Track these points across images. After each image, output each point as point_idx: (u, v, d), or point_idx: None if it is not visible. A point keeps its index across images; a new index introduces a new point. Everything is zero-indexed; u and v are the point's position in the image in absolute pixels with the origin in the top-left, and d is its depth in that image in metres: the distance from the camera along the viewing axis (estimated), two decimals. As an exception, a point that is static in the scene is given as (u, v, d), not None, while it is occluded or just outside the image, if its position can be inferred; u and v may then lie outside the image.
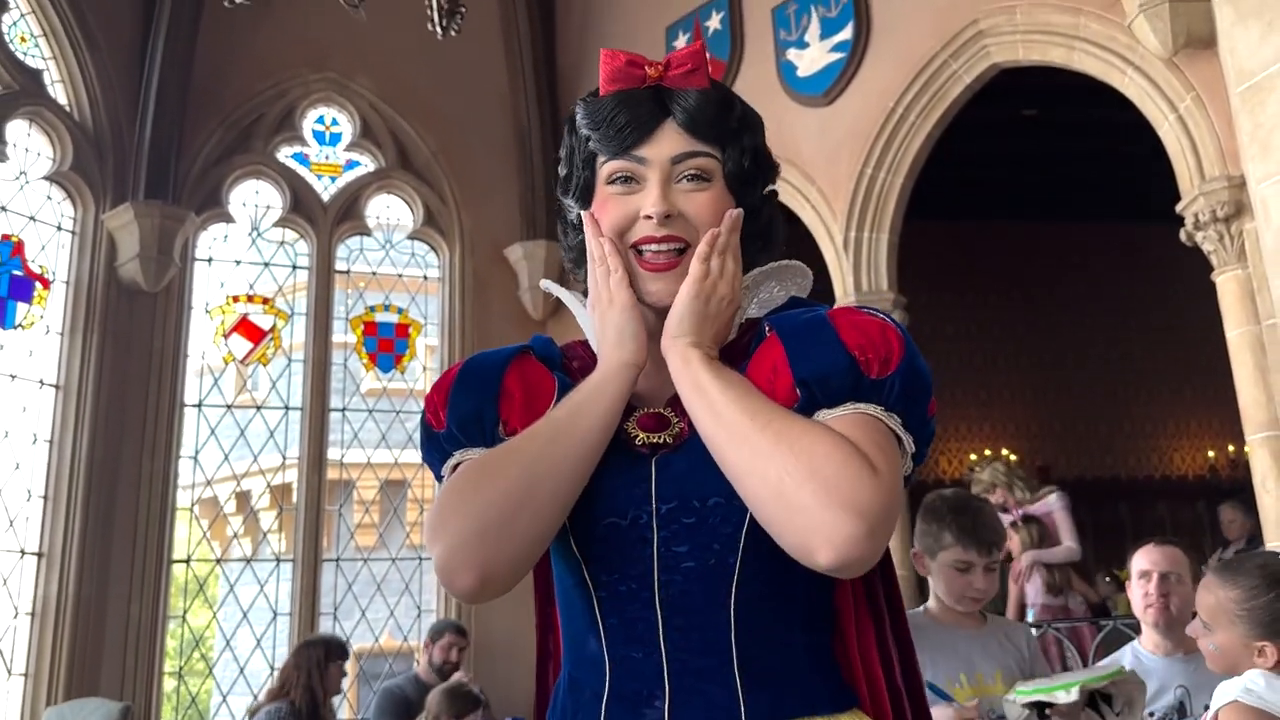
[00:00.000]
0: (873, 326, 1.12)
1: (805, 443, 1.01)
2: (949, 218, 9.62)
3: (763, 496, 1.01)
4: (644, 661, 1.11)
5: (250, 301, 7.21)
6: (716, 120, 1.19)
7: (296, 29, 7.25)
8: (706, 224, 1.17)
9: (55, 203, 6.67)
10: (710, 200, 1.18)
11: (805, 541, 0.99)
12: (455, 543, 1.06)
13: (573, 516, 1.13)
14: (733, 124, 1.21)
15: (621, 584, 1.13)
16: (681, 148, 1.18)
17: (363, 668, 7.39)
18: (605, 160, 1.20)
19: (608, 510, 1.13)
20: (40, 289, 6.45)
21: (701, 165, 1.18)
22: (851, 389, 1.08)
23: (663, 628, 1.11)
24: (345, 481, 7.56)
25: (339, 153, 7.67)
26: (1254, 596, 2.09)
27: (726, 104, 1.21)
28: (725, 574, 1.10)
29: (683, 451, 1.14)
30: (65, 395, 6.35)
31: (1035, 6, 5.24)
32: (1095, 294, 11.11)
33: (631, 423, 1.17)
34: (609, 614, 1.14)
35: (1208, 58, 4.46)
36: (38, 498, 6.21)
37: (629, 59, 1.21)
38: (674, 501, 1.12)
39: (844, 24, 5.91)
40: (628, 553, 1.13)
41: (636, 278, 1.18)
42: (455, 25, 4.71)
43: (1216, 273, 4.53)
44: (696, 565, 1.10)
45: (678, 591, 1.11)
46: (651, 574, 1.11)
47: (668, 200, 1.16)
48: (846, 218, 5.83)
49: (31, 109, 6.51)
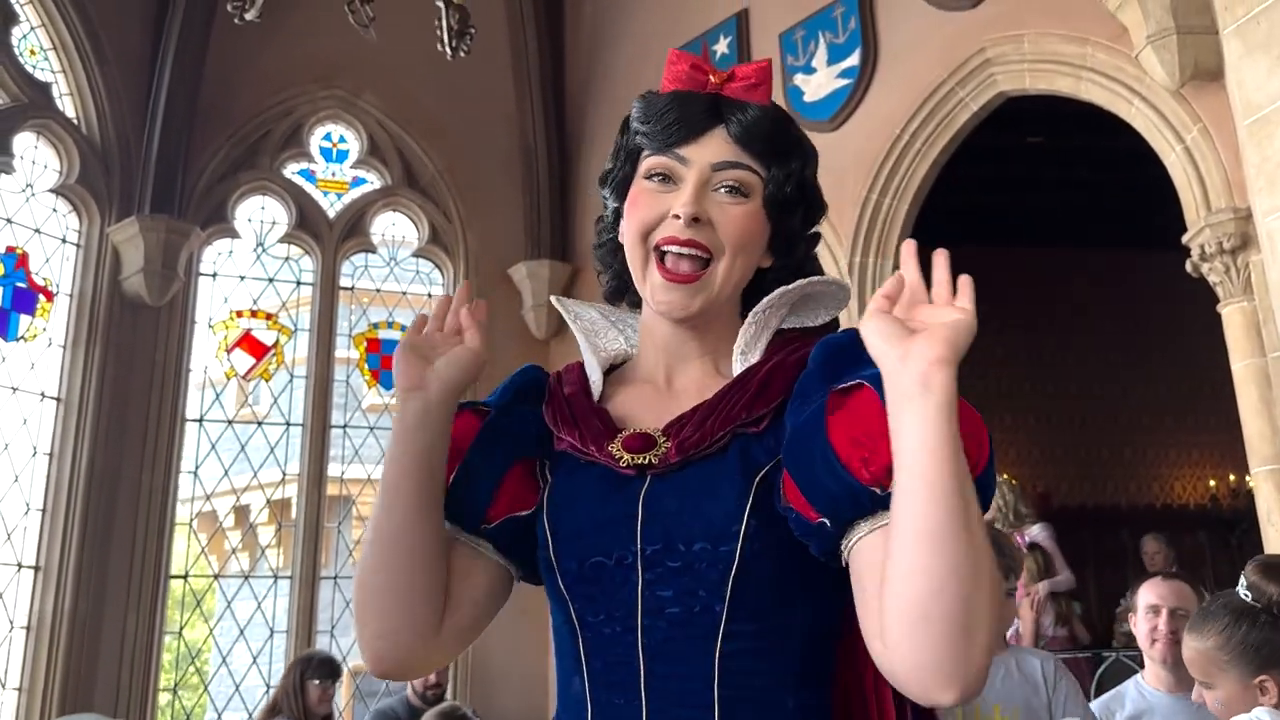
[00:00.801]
0: (972, 417, 0.99)
1: (988, 566, 0.89)
2: (952, 244, 9.60)
3: (923, 608, 0.88)
4: (625, 708, 1.05)
5: (254, 317, 7.21)
6: (769, 139, 1.15)
7: (305, 46, 7.28)
8: (735, 239, 1.13)
9: (61, 215, 6.68)
10: (743, 216, 1.14)
11: (936, 674, 0.89)
12: (356, 629, 1.12)
13: (559, 554, 1.10)
14: (783, 147, 1.17)
15: (606, 626, 1.08)
16: (726, 156, 1.14)
17: (359, 686, 7.34)
18: (648, 155, 1.17)
19: (594, 548, 1.09)
20: (44, 301, 6.44)
21: (741, 178, 1.14)
22: (861, 511, 1.00)
23: (644, 675, 1.05)
24: (345, 498, 7.53)
25: (345, 170, 7.69)
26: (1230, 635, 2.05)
27: (782, 126, 1.18)
28: (711, 623, 1.03)
29: (672, 484, 1.08)
30: (66, 408, 6.34)
31: (1043, 36, 5.25)
32: (1099, 322, 11.09)
33: (616, 444, 1.11)
34: (593, 656, 1.09)
35: (1215, 90, 4.47)
36: (36, 511, 6.18)
37: (694, 63, 1.18)
38: (659, 543, 1.06)
39: (851, 50, 5.93)
40: (613, 594, 1.07)
41: (651, 285, 1.15)
42: (465, 46, 4.73)
43: (1222, 304, 4.52)
44: (681, 611, 1.04)
45: (661, 638, 1.05)
46: (635, 617, 1.06)
47: (699, 203, 1.12)
48: (852, 243, 5.83)
49: (39, 121, 6.53)
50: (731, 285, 1.15)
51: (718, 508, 1.05)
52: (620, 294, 1.27)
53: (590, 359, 1.23)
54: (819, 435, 1.00)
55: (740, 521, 1.03)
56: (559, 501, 1.14)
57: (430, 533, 1.12)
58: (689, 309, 1.13)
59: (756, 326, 1.16)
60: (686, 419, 1.11)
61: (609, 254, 1.26)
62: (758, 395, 1.09)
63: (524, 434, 1.19)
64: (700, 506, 1.05)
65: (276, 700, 4.74)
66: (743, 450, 1.08)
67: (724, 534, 1.03)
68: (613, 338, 1.29)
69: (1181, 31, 4.43)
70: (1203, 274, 4.59)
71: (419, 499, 1.12)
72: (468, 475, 1.17)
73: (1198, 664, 2.12)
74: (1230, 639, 2.04)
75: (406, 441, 1.13)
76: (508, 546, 1.17)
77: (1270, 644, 1.99)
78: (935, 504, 0.89)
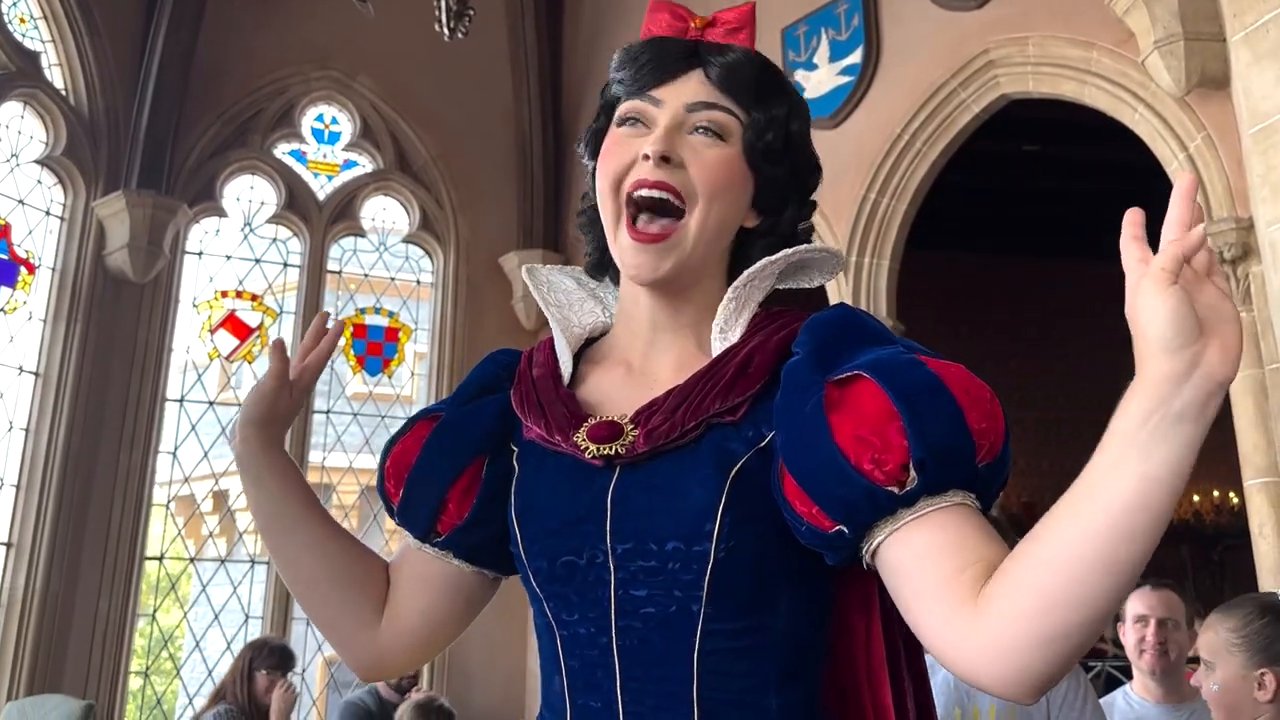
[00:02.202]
0: (985, 395, 0.94)
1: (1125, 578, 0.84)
2: (946, 249, 9.60)
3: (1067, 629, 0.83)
4: (601, 712, 1.00)
5: (239, 297, 7.12)
6: (750, 82, 1.08)
7: (301, 25, 7.19)
8: (709, 183, 1.04)
9: (45, 187, 6.57)
10: (720, 160, 1.05)
11: (1042, 684, 0.86)
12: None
13: (529, 552, 1.05)
14: (766, 92, 1.09)
15: (581, 626, 1.02)
16: (702, 96, 1.07)
17: (334, 675, 7.26)
18: (621, 100, 1.11)
19: (564, 547, 1.02)
20: (25, 274, 6.34)
21: (718, 119, 1.06)
22: (967, 477, 0.92)
23: (620, 678, 0.99)
24: (325, 485, 7.44)
25: (337, 152, 7.60)
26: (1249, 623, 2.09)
27: (766, 71, 1.10)
28: (688, 623, 0.97)
29: (642, 477, 1.01)
30: (45, 383, 6.23)
31: (1048, 39, 5.21)
32: (1090, 333, 11.07)
33: (581, 434, 1.03)
34: (570, 655, 1.03)
35: (1220, 99, 4.43)
36: (10, 486, 6.08)
37: (673, 9, 1.12)
38: (630, 542, 0.99)
39: (854, 48, 5.87)
40: (585, 594, 1.01)
41: (620, 248, 1.06)
42: (463, 27, 4.65)
43: (1221, 315, 4.48)
44: (657, 612, 0.98)
45: (636, 640, 0.99)
46: (610, 618, 1.00)
47: (670, 142, 1.04)
48: (848, 242, 5.78)
49: (27, 91, 6.42)
50: (706, 241, 1.06)
51: (689, 505, 0.98)
52: (602, 269, 1.18)
53: (560, 340, 1.15)
54: (823, 438, 0.93)
55: (714, 520, 0.97)
56: (526, 497, 1.07)
57: (317, 563, 1.15)
58: (659, 270, 1.04)
59: (737, 302, 1.07)
60: (657, 406, 1.03)
61: (589, 222, 1.17)
62: (734, 382, 1.01)
63: (481, 431, 1.12)
64: (671, 503, 0.98)
65: (223, 687, 4.39)
66: (716, 442, 1.00)
67: (697, 533, 0.97)
68: (589, 310, 1.20)
69: (1189, 38, 4.39)
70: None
71: (286, 539, 1.15)
72: (412, 487, 1.13)
73: (1209, 643, 2.15)
74: (1248, 625, 2.08)
75: (247, 495, 1.18)
76: (471, 551, 1.13)
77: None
78: (1136, 542, 0.81)
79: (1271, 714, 2.03)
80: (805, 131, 1.13)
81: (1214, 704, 2.15)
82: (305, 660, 5.83)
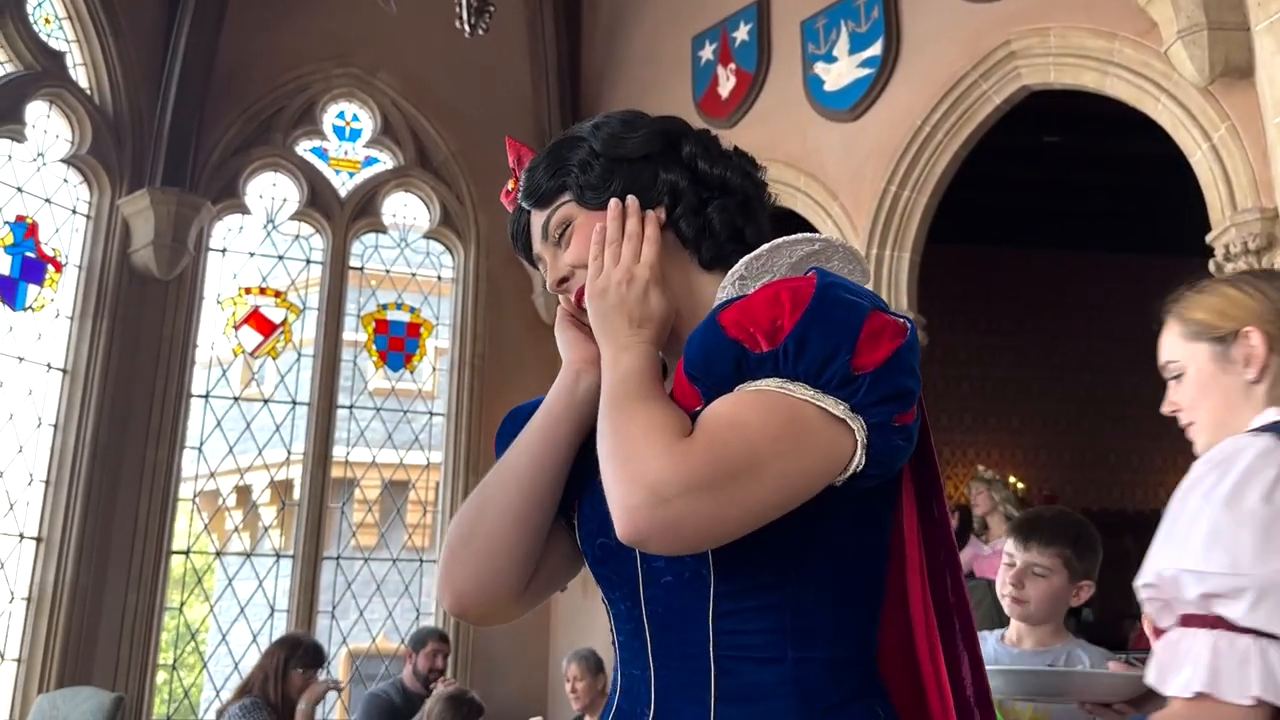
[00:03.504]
0: (760, 297, 1.02)
1: (622, 425, 0.99)
2: (967, 242, 9.57)
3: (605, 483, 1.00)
4: (640, 679, 1.10)
5: (262, 294, 7.17)
6: (543, 180, 1.21)
7: (321, 23, 7.23)
8: (580, 263, 1.17)
9: (71, 186, 6.64)
10: (576, 241, 1.18)
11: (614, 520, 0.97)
12: (440, 566, 1.15)
13: (581, 538, 1.17)
14: (557, 166, 1.21)
15: (622, 602, 1.12)
16: (538, 223, 1.22)
17: (358, 668, 7.31)
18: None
19: (599, 529, 1.11)
20: (52, 272, 6.40)
21: (557, 220, 1.20)
22: (735, 372, 1.00)
23: (650, 644, 1.09)
24: (349, 480, 7.49)
25: (358, 148, 7.63)
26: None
27: (544, 161, 1.22)
28: (701, 587, 1.04)
29: None
30: (72, 380, 6.30)
31: (1069, 29, 5.18)
32: (1113, 325, 11.02)
33: None
34: (619, 631, 1.14)
35: (1244, 88, 4.40)
36: (39, 482, 6.15)
37: (507, 195, 1.30)
38: None
39: (874, 40, 5.86)
40: (620, 571, 1.11)
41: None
42: (484, 23, 4.68)
43: (1245, 306, 4.45)
44: (674, 579, 1.07)
45: (660, 608, 1.08)
46: (639, 591, 1.10)
47: (554, 271, 1.20)
48: (869, 235, 5.77)
49: (52, 91, 6.48)
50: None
51: None
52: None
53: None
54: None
55: None
56: (572, 488, 1.16)
57: (551, 507, 1.15)
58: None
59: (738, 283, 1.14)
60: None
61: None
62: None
63: None
64: None
65: (251, 681, 4.29)
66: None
67: None
68: None
69: (1213, 27, 4.36)
70: (1227, 275, 4.53)
71: (558, 475, 1.14)
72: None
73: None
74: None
75: (571, 419, 1.15)
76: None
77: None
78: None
79: None
80: (609, 137, 1.20)
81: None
82: (330, 653, 5.87)
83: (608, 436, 1.00)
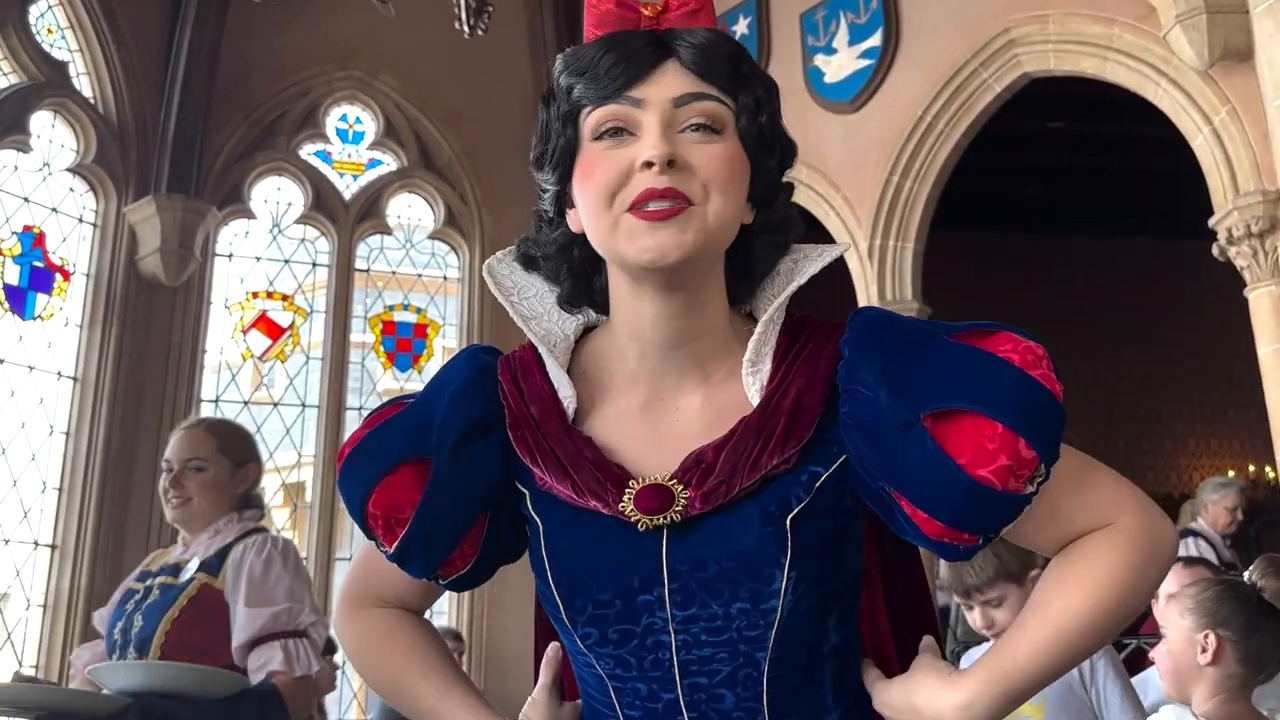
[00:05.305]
0: (1048, 364, 1.00)
1: None
2: (971, 229, 9.56)
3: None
4: None
5: (269, 298, 7.20)
6: (730, 66, 0.97)
7: (322, 26, 7.25)
8: (719, 183, 0.93)
9: (77, 195, 6.68)
10: (723, 154, 0.95)
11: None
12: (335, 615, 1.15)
13: (574, 621, 0.99)
14: (746, 72, 0.99)
15: (640, 683, 0.98)
16: (687, 87, 0.95)
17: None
18: (591, 109, 0.97)
19: (620, 616, 0.97)
20: (60, 281, 6.45)
21: (711, 111, 0.95)
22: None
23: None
24: (359, 481, 7.51)
25: (362, 151, 7.66)
26: (1204, 589, 2.13)
27: (738, 50, 1.00)
28: (755, 671, 0.96)
29: (696, 539, 0.95)
30: (83, 388, 6.35)
31: (1068, 16, 5.17)
32: (1119, 309, 11.01)
33: (627, 501, 0.95)
34: (629, 706, 1.00)
35: (1244, 70, 4.40)
36: (53, 490, 6.20)
37: (620, 0, 1.01)
38: (692, 608, 0.96)
39: (873, 31, 5.86)
40: (644, 656, 0.98)
41: (626, 233, 0.94)
42: (483, 24, 4.69)
43: (1249, 288, 4.46)
44: (723, 669, 0.96)
45: (704, 695, 0.97)
46: (673, 678, 0.97)
47: (670, 142, 0.93)
48: (872, 225, 5.78)
49: (56, 101, 6.52)
50: (722, 231, 0.96)
51: (754, 565, 0.94)
52: (578, 299, 1.06)
53: (552, 366, 1.02)
54: (957, 475, 0.90)
55: (781, 578, 0.94)
56: (565, 565, 0.99)
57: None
58: (683, 245, 0.92)
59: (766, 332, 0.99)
60: (706, 461, 0.96)
61: (560, 252, 1.05)
62: (788, 432, 0.96)
63: (483, 493, 1.01)
64: (733, 568, 0.94)
65: None
66: (772, 492, 0.95)
67: (764, 592, 0.94)
68: (559, 316, 1.08)
69: (1211, 11, 4.37)
70: (1229, 258, 4.53)
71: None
72: (411, 542, 0.99)
73: (1163, 608, 2.21)
74: (1202, 592, 2.14)
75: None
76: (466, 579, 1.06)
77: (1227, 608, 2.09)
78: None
79: (1213, 676, 2.06)
80: (779, 109, 1.04)
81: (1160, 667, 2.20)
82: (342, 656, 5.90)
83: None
